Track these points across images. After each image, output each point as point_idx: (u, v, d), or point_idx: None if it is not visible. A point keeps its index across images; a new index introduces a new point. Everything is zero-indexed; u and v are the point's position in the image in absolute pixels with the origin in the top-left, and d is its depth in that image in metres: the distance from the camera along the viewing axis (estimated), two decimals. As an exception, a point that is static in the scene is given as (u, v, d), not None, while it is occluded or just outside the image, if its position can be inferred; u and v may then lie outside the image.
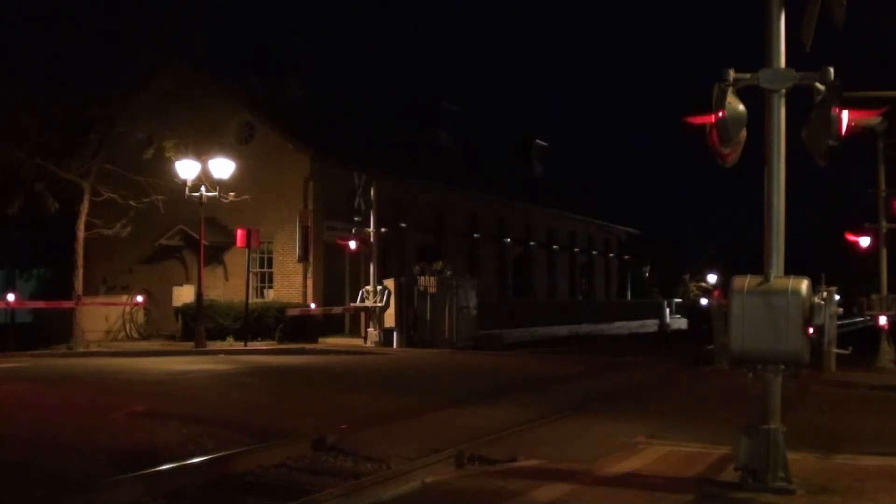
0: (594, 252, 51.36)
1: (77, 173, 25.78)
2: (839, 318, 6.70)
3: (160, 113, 25.82)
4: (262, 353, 23.21)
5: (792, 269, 6.54)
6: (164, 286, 29.91)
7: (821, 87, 6.48)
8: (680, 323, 54.28)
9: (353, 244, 27.25)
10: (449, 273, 27.37)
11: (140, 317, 30.09)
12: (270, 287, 29.91)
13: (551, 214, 45.66)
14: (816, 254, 34.50)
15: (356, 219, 27.01)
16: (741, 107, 6.61)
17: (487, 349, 26.40)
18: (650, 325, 50.51)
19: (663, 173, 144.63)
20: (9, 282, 34.76)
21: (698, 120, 6.72)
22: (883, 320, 19.70)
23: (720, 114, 6.50)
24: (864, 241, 22.34)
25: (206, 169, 25.38)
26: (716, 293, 7.02)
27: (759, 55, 6.59)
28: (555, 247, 46.49)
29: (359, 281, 28.08)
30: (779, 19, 6.53)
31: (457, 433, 9.38)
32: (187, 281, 29.49)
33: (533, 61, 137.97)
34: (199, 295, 25.25)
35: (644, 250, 58.82)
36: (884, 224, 20.36)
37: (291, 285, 29.34)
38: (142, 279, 30.80)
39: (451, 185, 36.66)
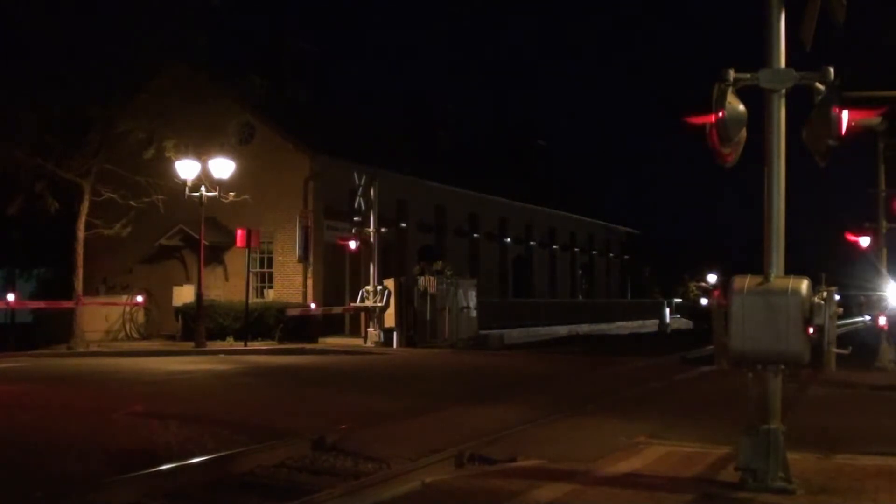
0: (594, 252, 51.36)
1: (77, 173, 25.75)
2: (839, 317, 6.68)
3: (160, 113, 25.79)
4: (262, 353, 23.22)
5: (792, 269, 6.54)
6: (164, 286, 29.89)
7: (821, 87, 6.48)
8: (680, 323, 54.24)
9: (353, 244, 27.27)
10: (449, 273, 27.38)
11: (140, 317, 30.10)
12: (270, 287, 29.91)
13: (551, 214, 45.65)
14: (816, 254, 34.48)
15: (356, 219, 26.98)
16: (741, 107, 6.60)
17: (487, 349, 26.41)
18: (650, 325, 50.45)
19: (664, 173, 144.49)
20: (9, 282, 34.76)
21: (698, 120, 6.72)
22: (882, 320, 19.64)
23: (720, 114, 6.50)
24: (864, 241, 22.30)
25: (206, 169, 25.40)
26: (715, 293, 7.01)
27: (760, 55, 6.59)
28: (555, 247, 46.49)
29: (359, 281, 28.11)
30: (779, 19, 6.52)
31: (456, 433, 9.37)
32: (187, 281, 29.48)
33: (533, 61, 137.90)
34: (199, 295, 25.26)
35: (644, 250, 58.84)
36: (884, 224, 20.33)
37: (291, 285, 29.33)
38: (142, 279, 30.79)
39: (451, 186, 36.65)
